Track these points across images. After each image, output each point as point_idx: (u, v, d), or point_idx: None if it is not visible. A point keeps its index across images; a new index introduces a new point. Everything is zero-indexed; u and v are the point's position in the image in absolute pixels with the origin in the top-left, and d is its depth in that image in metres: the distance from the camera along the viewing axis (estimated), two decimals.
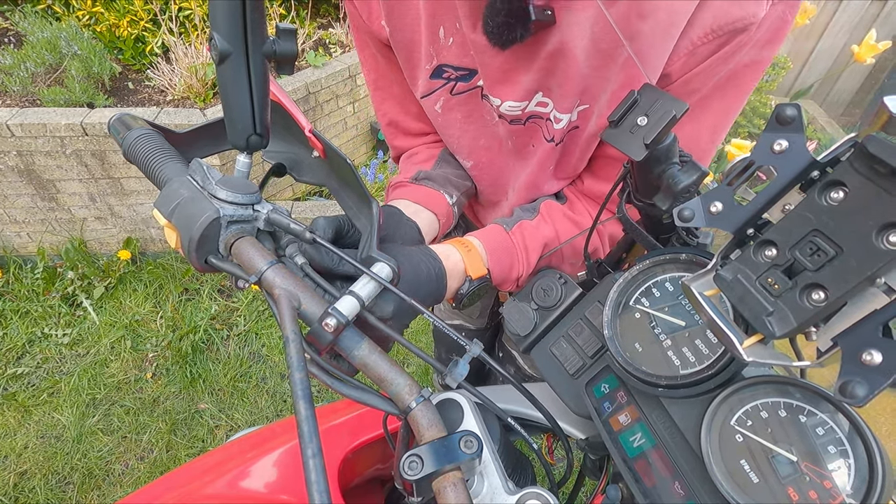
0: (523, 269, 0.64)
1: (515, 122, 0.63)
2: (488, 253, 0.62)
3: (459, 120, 0.67)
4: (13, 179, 2.00)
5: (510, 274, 0.64)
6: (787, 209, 0.32)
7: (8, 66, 2.06)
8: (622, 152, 0.42)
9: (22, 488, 1.63)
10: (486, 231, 0.66)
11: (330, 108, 2.50)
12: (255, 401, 1.88)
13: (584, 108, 0.58)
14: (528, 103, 0.60)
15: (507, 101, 0.59)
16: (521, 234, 0.65)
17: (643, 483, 0.41)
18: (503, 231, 0.65)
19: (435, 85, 0.63)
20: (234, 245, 0.44)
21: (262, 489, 0.57)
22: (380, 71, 0.70)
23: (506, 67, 0.56)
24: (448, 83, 0.62)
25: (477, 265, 0.60)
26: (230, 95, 0.45)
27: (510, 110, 0.61)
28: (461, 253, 0.60)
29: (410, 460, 0.36)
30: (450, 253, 0.59)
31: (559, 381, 0.52)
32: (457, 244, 0.61)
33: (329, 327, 0.39)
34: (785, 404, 0.35)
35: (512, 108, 0.61)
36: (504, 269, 0.63)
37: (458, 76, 0.61)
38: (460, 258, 0.60)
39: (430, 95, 0.65)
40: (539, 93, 0.59)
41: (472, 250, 0.61)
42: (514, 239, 0.65)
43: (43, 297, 2.12)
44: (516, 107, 0.60)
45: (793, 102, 0.31)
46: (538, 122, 0.63)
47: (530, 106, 0.60)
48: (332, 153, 0.52)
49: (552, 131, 0.62)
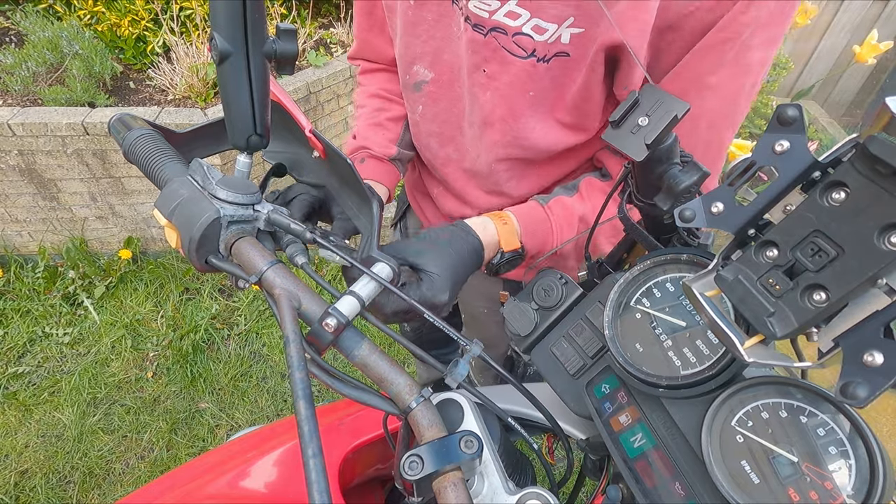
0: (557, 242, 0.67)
1: (478, 29, 0.60)
2: (522, 227, 0.65)
3: (429, 21, 0.65)
4: (14, 179, 2.00)
5: (544, 248, 0.67)
6: (788, 210, 0.32)
7: (9, 65, 2.06)
8: (623, 153, 0.42)
9: (23, 487, 1.64)
10: (522, 206, 0.68)
11: (331, 108, 2.49)
12: (256, 400, 1.88)
13: (578, 31, 0.54)
14: (500, 6, 0.56)
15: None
16: (558, 208, 0.67)
17: (644, 483, 0.41)
18: (539, 206, 0.68)
19: None
20: (235, 245, 0.44)
21: (262, 489, 0.57)
22: None
23: None
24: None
25: (511, 239, 0.64)
26: (230, 95, 0.45)
27: (478, 8, 0.58)
28: (497, 226, 0.63)
29: (411, 460, 0.36)
30: (486, 225, 0.63)
31: (559, 381, 0.52)
32: (493, 217, 0.65)
33: (329, 327, 0.39)
34: (786, 405, 0.35)
35: (481, 6, 0.57)
36: (538, 243, 0.66)
37: None
38: (495, 231, 0.63)
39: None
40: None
41: (508, 223, 0.64)
42: (549, 213, 0.67)
43: (44, 297, 2.12)
44: (486, 6, 0.57)
45: (794, 103, 0.31)
46: (499, 37, 0.59)
47: (500, 13, 0.57)
48: (332, 153, 0.52)
49: (531, 44, 0.57)
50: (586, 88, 0.60)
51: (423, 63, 0.70)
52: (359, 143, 0.79)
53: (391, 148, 0.79)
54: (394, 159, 0.79)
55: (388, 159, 0.78)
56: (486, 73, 0.63)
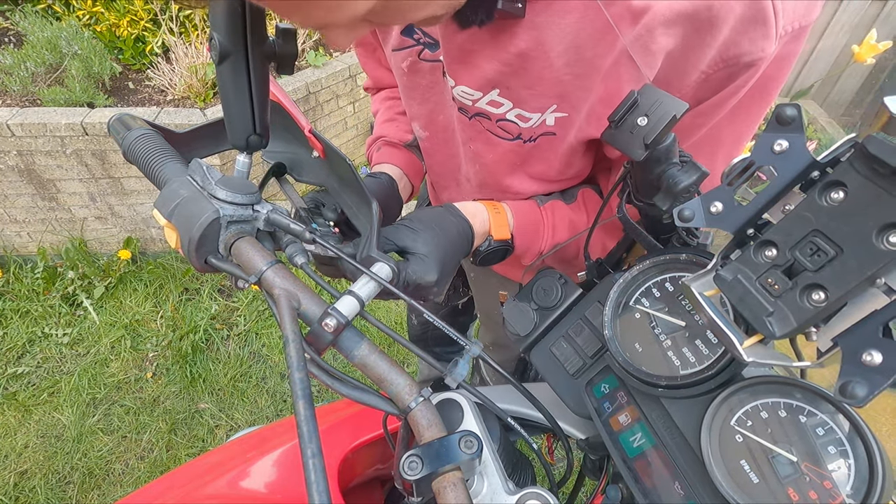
0: (547, 245, 0.67)
1: (462, 112, 0.63)
2: (515, 220, 0.65)
3: (423, 87, 0.66)
4: (13, 179, 2.00)
5: (533, 246, 0.67)
6: (787, 209, 0.32)
7: (8, 65, 2.06)
8: (622, 152, 0.42)
9: (22, 488, 1.63)
10: (520, 202, 0.68)
11: (330, 107, 2.49)
12: (256, 400, 1.88)
13: (562, 116, 0.56)
14: (482, 96, 0.58)
15: (462, 85, 0.58)
16: (552, 211, 0.68)
17: (643, 483, 0.41)
18: (535, 204, 0.68)
19: (405, 42, 0.62)
20: (234, 245, 0.44)
21: (262, 489, 0.57)
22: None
23: (466, 48, 0.54)
24: (416, 46, 0.62)
25: (502, 228, 0.64)
26: (230, 95, 0.45)
27: (462, 96, 0.60)
28: (489, 213, 0.63)
29: (410, 460, 0.36)
30: (478, 211, 0.63)
31: (559, 381, 0.52)
32: (486, 204, 0.65)
33: (329, 327, 0.39)
34: (785, 405, 0.35)
35: (464, 94, 0.59)
36: (527, 240, 0.66)
37: (426, 42, 0.60)
38: (487, 217, 0.63)
39: (400, 51, 0.64)
40: (496, 90, 0.56)
41: (501, 213, 0.64)
42: (544, 214, 0.67)
43: (43, 297, 2.12)
44: (468, 95, 0.59)
45: (793, 103, 0.31)
46: (483, 121, 0.61)
47: (482, 101, 0.58)
48: (331, 153, 0.52)
49: (516, 130, 0.60)
50: (572, 154, 0.61)
51: (419, 123, 0.73)
52: (375, 136, 0.82)
53: (406, 135, 0.80)
54: (409, 145, 0.80)
55: (404, 145, 0.80)
56: (473, 150, 0.67)
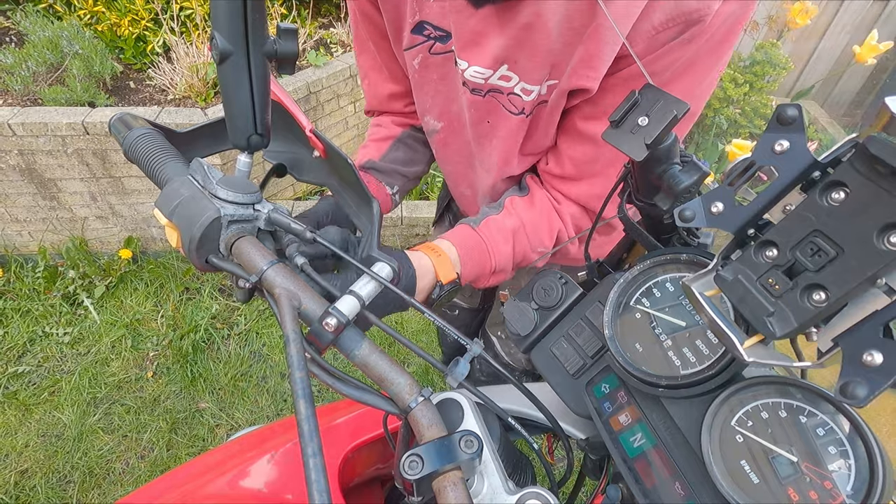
0: (495, 261, 0.68)
1: (476, 92, 0.65)
2: (460, 254, 0.66)
3: (434, 80, 0.70)
4: (14, 178, 2.00)
5: (483, 269, 0.68)
6: (787, 210, 0.32)
7: (9, 65, 2.06)
8: (623, 152, 0.42)
9: (23, 487, 1.64)
10: (454, 232, 0.70)
11: (331, 107, 2.49)
12: (256, 400, 1.88)
13: (552, 82, 0.60)
14: (492, 73, 0.61)
15: (474, 65, 0.61)
16: (487, 228, 0.69)
17: (643, 483, 0.41)
18: (470, 229, 0.69)
19: (416, 40, 0.65)
20: (235, 245, 0.44)
21: (262, 488, 0.57)
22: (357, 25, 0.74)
23: (478, 29, 0.58)
24: (427, 41, 0.65)
25: (447, 270, 0.64)
26: (231, 95, 0.45)
27: (474, 77, 0.62)
28: (432, 259, 0.63)
29: (410, 460, 0.36)
30: (420, 259, 0.62)
31: (559, 381, 0.52)
32: (427, 250, 0.64)
33: (329, 327, 0.39)
34: (785, 405, 0.35)
35: (476, 74, 0.62)
36: (475, 266, 0.68)
37: (436, 36, 0.63)
38: (430, 264, 0.63)
39: (411, 49, 0.67)
40: (505, 65, 0.60)
41: (442, 255, 0.64)
42: (482, 234, 0.69)
43: (44, 296, 2.12)
44: (480, 74, 0.62)
45: (794, 103, 0.31)
46: (498, 96, 0.64)
47: (493, 77, 0.62)
48: (332, 153, 0.52)
49: (521, 103, 0.64)
50: (551, 124, 0.66)
51: (432, 115, 0.75)
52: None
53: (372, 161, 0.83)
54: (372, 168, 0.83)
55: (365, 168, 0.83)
56: (490, 124, 0.69)
